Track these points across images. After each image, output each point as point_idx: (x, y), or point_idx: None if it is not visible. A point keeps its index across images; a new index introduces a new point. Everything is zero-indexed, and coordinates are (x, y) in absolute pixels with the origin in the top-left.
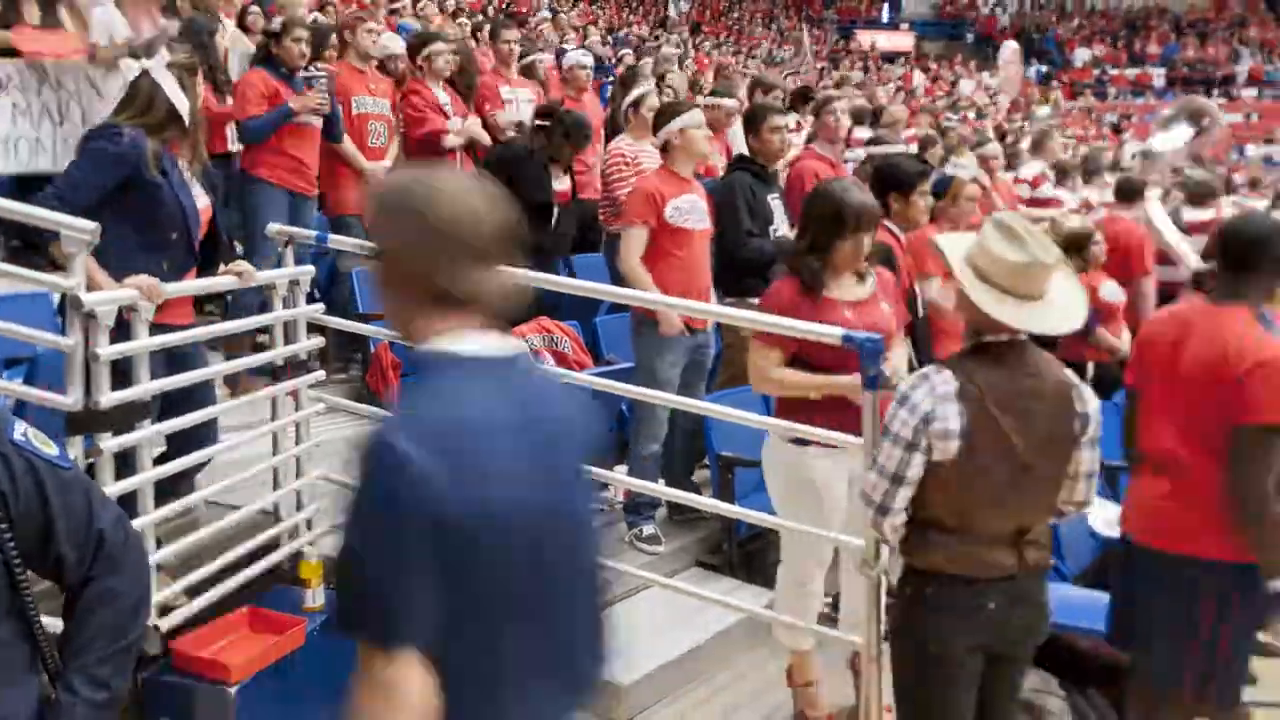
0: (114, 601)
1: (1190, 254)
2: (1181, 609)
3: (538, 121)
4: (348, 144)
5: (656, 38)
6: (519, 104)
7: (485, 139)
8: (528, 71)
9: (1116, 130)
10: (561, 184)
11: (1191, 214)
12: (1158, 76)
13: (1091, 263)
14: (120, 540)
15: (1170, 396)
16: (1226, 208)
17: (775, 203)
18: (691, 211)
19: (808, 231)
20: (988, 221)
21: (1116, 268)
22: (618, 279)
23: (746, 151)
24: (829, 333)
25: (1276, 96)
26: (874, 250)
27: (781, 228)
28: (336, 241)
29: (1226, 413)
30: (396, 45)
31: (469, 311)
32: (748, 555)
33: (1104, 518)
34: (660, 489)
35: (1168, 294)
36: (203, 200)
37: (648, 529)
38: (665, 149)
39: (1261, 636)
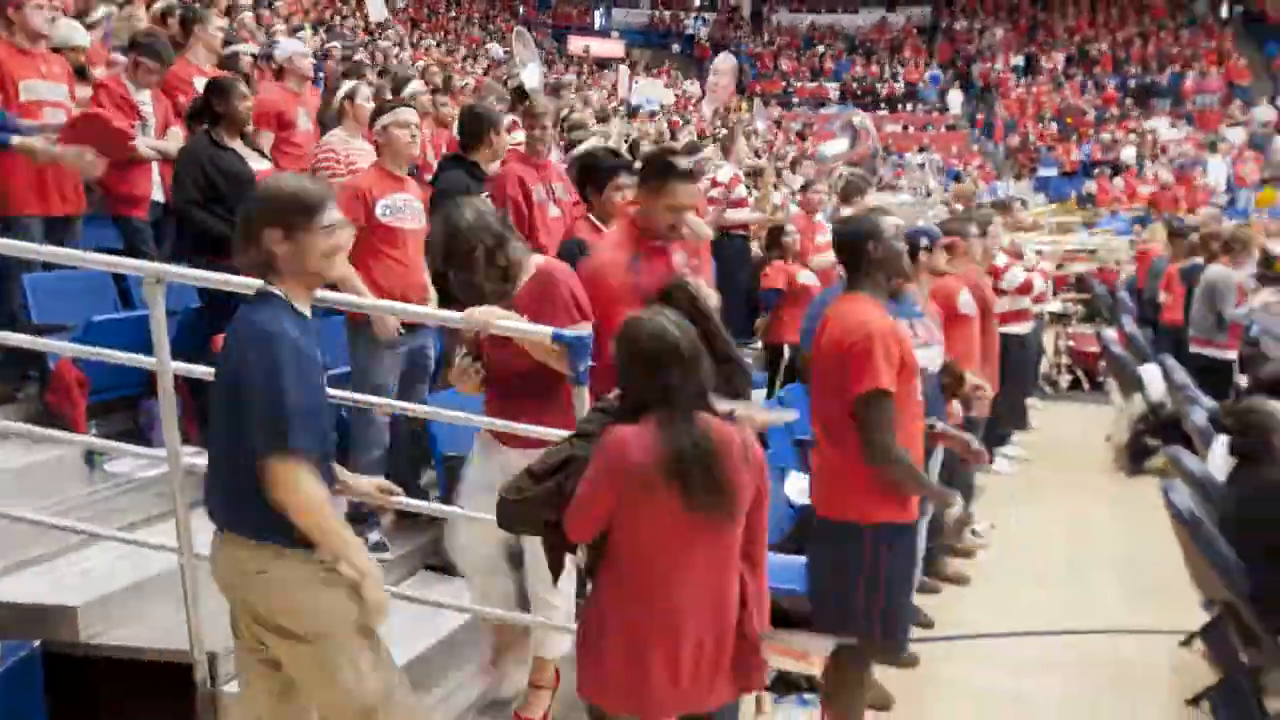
0: None
1: None
2: (847, 566)
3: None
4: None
5: (372, 34)
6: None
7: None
8: (229, 63)
9: (801, 137)
10: (260, 165)
11: (843, 209)
12: (833, 90)
13: (788, 251)
14: None
15: (820, 378)
16: (873, 204)
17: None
18: (404, 210)
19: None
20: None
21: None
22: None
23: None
24: (538, 331)
25: (928, 110)
26: None
27: None
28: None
29: (848, 387)
30: (78, 36)
31: None
32: None
33: (797, 487)
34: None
35: None
36: None
37: (374, 536)
38: (377, 147)
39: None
